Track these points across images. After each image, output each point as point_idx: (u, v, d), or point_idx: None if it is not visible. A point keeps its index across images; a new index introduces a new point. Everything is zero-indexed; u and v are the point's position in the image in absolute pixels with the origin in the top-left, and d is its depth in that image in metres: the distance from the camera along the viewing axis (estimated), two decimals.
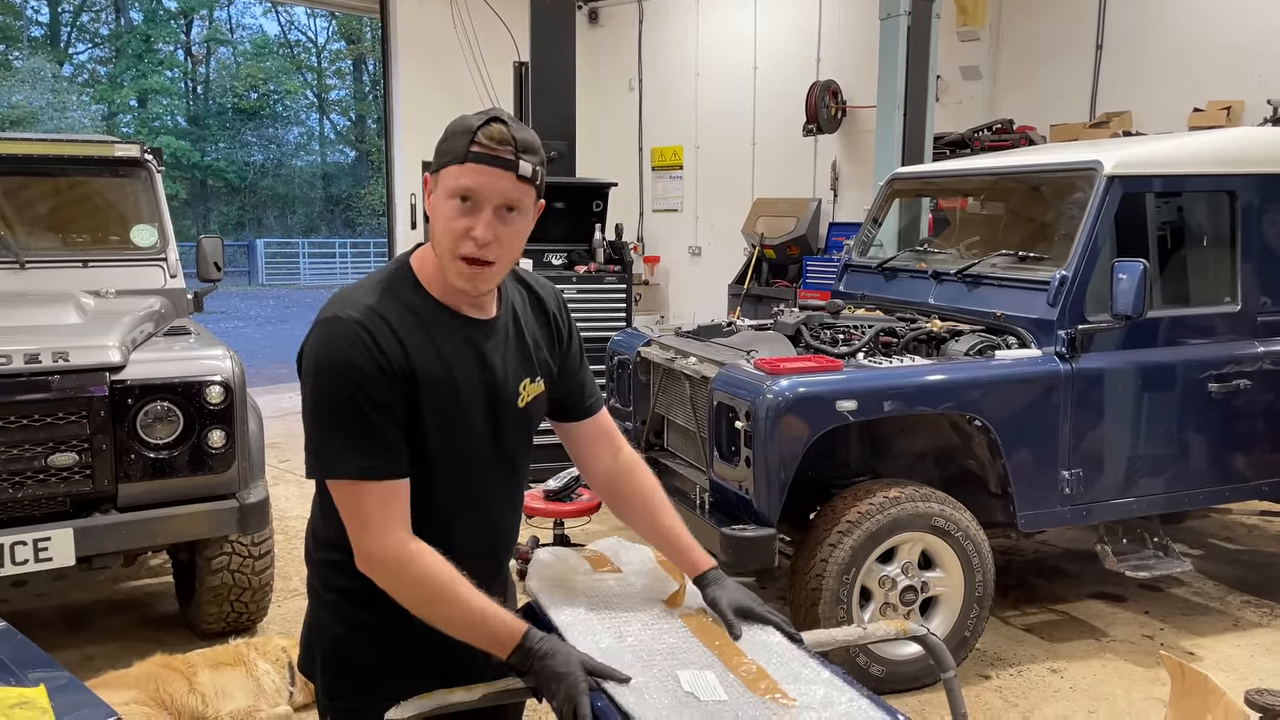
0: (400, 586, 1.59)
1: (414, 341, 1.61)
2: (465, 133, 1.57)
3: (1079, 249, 3.86)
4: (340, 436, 1.56)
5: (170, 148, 29.45)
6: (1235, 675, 3.86)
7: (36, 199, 4.63)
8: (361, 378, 1.55)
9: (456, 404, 1.65)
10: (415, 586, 1.58)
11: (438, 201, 1.61)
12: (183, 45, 34.25)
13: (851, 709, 1.52)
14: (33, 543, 3.37)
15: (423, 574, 1.57)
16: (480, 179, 1.56)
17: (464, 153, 1.56)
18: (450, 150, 1.58)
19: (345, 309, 1.60)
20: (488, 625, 1.58)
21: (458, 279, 1.62)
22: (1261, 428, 4.21)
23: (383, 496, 1.57)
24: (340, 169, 36.53)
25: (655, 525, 1.89)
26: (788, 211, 9.21)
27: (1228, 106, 6.49)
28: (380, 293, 1.64)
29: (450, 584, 1.57)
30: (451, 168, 1.57)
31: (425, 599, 1.59)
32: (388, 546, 1.57)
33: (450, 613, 1.58)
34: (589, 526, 5.19)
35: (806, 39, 9.50)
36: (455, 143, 1.58)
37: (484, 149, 1.56)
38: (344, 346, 1.56)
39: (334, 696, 1.74)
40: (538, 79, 6.63)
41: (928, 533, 3.68)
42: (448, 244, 1.60)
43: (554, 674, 1.53)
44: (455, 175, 1.57)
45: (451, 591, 1.57)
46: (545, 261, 6.40)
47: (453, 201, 1.58)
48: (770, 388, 3.53)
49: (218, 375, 3.67)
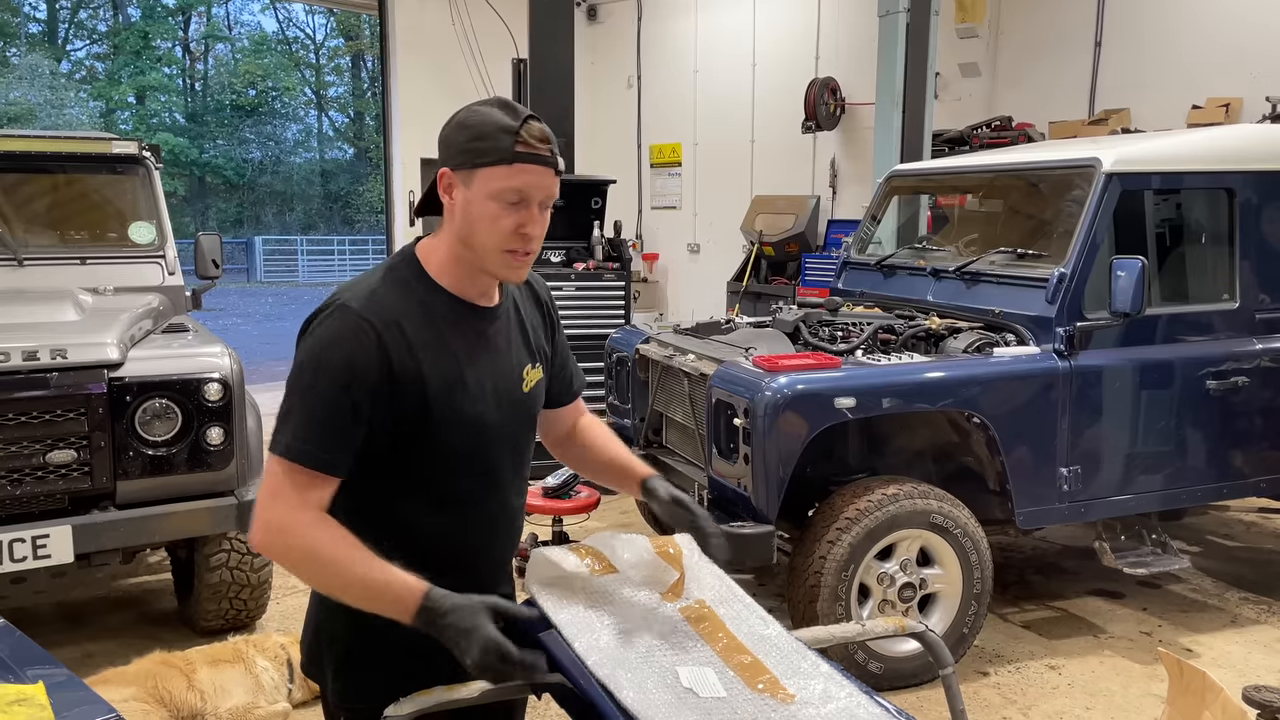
0: (292, 555, 1.57)
1: (422, 336, 1.63)
2: (506, 132, 1.56)
3: (1077, 246, 3.87)
4: (311, 422, 1.57)
5: (168, 145, 29.41)
6: (1233, 672, 3.87)
7: (34, 196, 4.63)
8: (353, 379, 1.56)
9: (467, 395, 1.66)
10: (307, 557, 1.56)
11: (474, 199, 1.60)
12: (181, 42, 34.20)
13: (850, 704, 1.52)
14: (31, 540, 3.37)
15: (314, 543, 1.55)
16: (531, 179, 1.58)
17: (510, 153, 1.56)
18: (490, 150, 1.57)
19: (359, 301, 1.61)
20: (390, 590, 1.53)
21: (503, 270, 1.65)
22: (1259, 425, 4.22)
23: (310, 485, 1.57)
24: (339, 166, 36.49)
25: (602, 456, 2.01)
26: (786, 209, 9.21)
27: (1226, 104, 6.49)
28: (391, 284, 1.66)
29: (345, 552, 1.54)
30: (499, 168, 1.56)
31: (319, 568, 1.56)
32: (289, 518, 1.55)
33: (346, 580, 1.55)
34: (588, 523, 5.19)
35: (805, 36, 9.49)
36: (495, 142, 1.56)
37: (530, 149, 1.57)
38: (347, 342, 1.58)
39: (347, 699, 1.73)
40: (536, 76, 6.63)
41: (926, 530, 3.68)
42: (496, 241, 1.61)
43: (459, 630, 1.49)
44: (505, 176, 1.57)
45: (346, 558, 1.54)
46: (544, 259, 6.40)
47: (499, 201, 1.58)
48: (769, 385, 3.54)
49: (216, 372, 3.67)
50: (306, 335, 1.63)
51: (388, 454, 1.64)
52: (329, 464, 1.58)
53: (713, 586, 1.83)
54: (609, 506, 5.77)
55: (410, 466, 1.66)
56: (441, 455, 1.66)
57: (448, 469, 1.68)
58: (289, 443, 1.57)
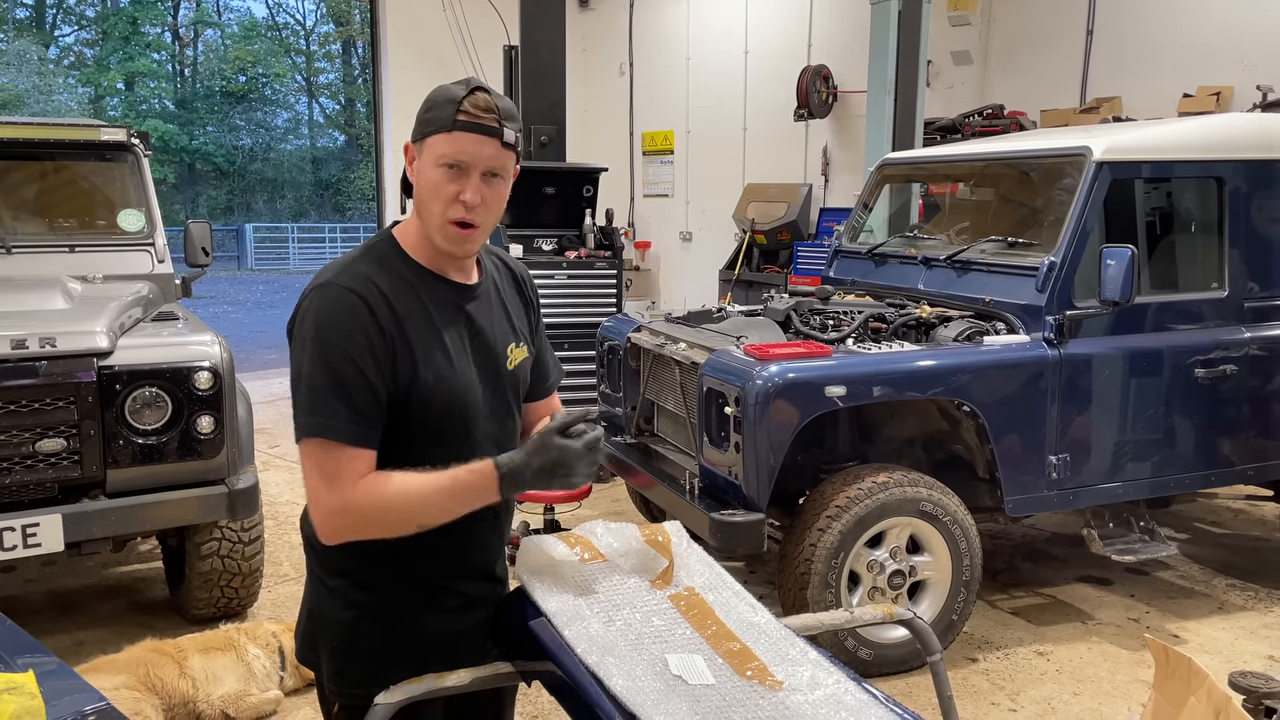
0: (368, 525, 1.61)
1: (405, 306, 1.65)
2: (450, 102, 1.62)
3: (1067, 235, 3.87)
4: (330, 397, 1.58)
5: (158, 131, 29.23)
6: (1220, 658, 3.90)
7: (23, 183, 4.60)
8: (353, 346, 1.58)
9: (451, 366, 1.68)
10: (381, 516, 1.60)
11: (423, 169, 1.65)
12: (170, 28, 33.98)
13: (837, 691, 1.53)
14: (21, 529, 3.37)
15: (379, 500, 1.58)
16: (468, 146, 1.62)
17: (450, 121, 1.61)
18: (435, 119, 1.62)
19: (339, 276, 1.64)
20: (466, 490, 1.61)
21: (445, 242, 1.68)
22: (1247, 413, 4.24)
23: (350, 459, 1.58)
24: (329, 153, 36.33)
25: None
26: (779, 197, 9.19)
27: (1217, 92, 6.50)
28: (370, 261, 1.68)
29: (409, 486, 1.59)
30: (439, 136, 1.62)
31: (398, 516, 1.61)
32: (349, 494, 1.58)
33: (427, 507, 1.61)
34: (580, 511, 5.20)
35: (798, 23, 9.46)
36: (440, 112, 1.62)
37: (470, 117, 1.61)
38: (338, 314, 1.60)
39: (343, 684, 1.74)
40: (527, 63, 6.59)
41: (916, 517, 3.70)
42: (437, 208, 1.65)
43: (548, 467, 1.60)
44: (443, 143, 1.62)
45: (413, 491, 1.59)
46: (535, 247, 6.38)
47: (440, 169, 1.63)
48: (760, 373, 3.54)
49: (206, 361, 3.66)
50: (298, 321, 1.64)
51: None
52: (361, 436, 1.59)
53: (702, 573, 1.84)
54: (601, 494, 5.78)
55: (395, 439, 1.66)
56: (425, 427, 1.67)
57: (431, 440, 1.68)
58: (319, 422, 1.57)
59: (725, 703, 1.49)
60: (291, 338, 1.65)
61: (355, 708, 1.71)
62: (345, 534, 1.62)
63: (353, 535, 1.63)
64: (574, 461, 1.60)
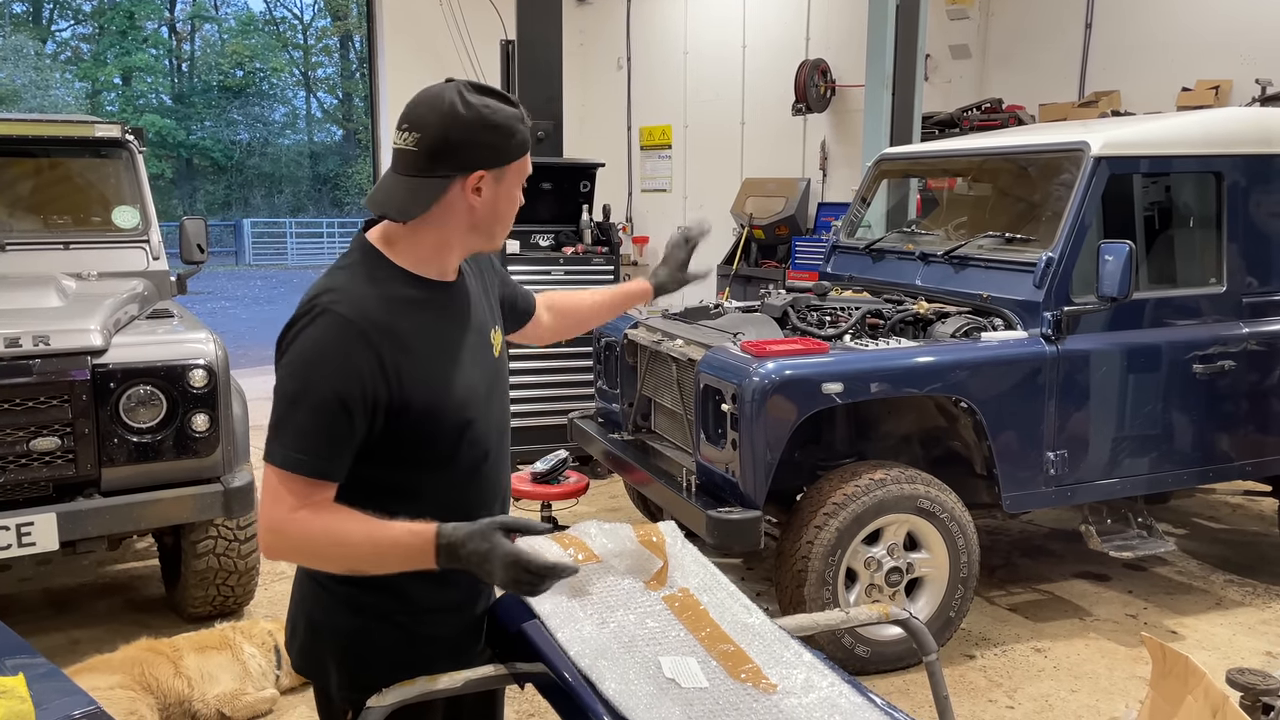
0: (297, 551, 1.61)
1: (406, 322, 1.63)
2: (522, 122, 1.66)
3: (1065, 230, 3.86)
4: (305, 432, 1.55)
5: (155, 126, 29.18)
6: (1218, 654, 3.90)
7: (16, 180, 4.58)
8: (344, 385, 1.55)
9: (457, 369, 1.69)
10: (310, 547, 1.59)
11: (508, 191, 1.68)
12: (166, 22, 33.88)
13: (831, 694, 1.52)
14: (15, 528, 3.36)
15: (313, 532, 1.56)
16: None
17: (528, 139, 1.68)
18: (518, 145, 1.65)
19: (340, 303, 1.59)
20: (401, 545, 1.56)
21: (494, 245, 1.76)
22: (1245, 408, 4.23)
23: (308, 491, 1.57)
24: (327, 148, 36.26)
25: (595, 301, 2.27)
26: (776, 191, 9.17)
27: (1216, 86, 6.48)
28: (364, 279, 1.64)
29: (345, 527, 1.56)
30: (525, 156, 1.68)
31: (327, 552, 1.59)
32: (285, 518, 1.56)
33: (357, 554, 1.57)
34: (577, 508, 5.19)
35: (796, 17, 9.44)
36: (519, 135, 1.65)
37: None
38: (335, 347, 1.56)
39: (358, 690, 1.69)
40: (524, 57, 6.57)
41: (913, 514, 3.69)
42: (508, 220, 1.72)
43: (479, 555, 1.53)
44: (526, 163, 1.69)
45: (348, 533, 1.56)
46: (532, 243, 6.36)
47: (520, 183, 1.70)
48: (757, 370, 3.53)
49: (201, 359, 3.65)
50: (290, 342, 1.60)
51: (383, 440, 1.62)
52: (325, 471, 1.57)
53: (696, 574, 1.83)
54: (598, 491, 5.77)
55: (406, 447, 1.65)
56: (437, 433, 1.67)
57: (443, 441, 1.68)
58: (284, 454, 1.56)
59: (719, 706, 1.48)
60: (281, 353, 1.61)
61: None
62: (278, 554, 1.61)
63: (286, 557, 1.63)
64: (495, 565, 1.53)
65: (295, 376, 1.57)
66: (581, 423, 4.98)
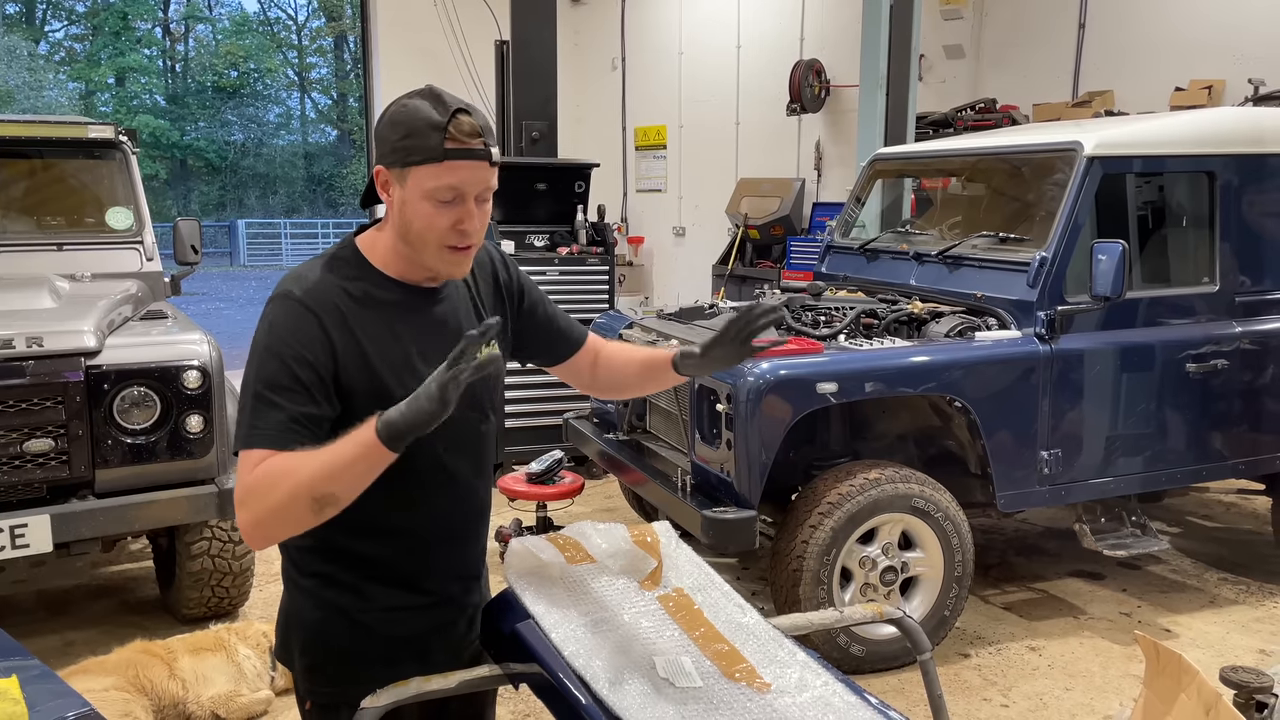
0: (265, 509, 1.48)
1: (367, 321, 1.63)
2: (433, 129, 1.53)
3: (1059, 230, 3.87)
4: (264, 408, 1.54)
5: (149, 127, 29.11)
6: (1211, 652, 3.91)
7: (10, 181, 4.57)
8: (298, 361, 1.55)
9: (415, 376, 1.57)
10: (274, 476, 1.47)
11: (410, 199, 1.58)
12: (160, 23, 33.79)
13: (825, 693, 1.52)
14: (9, 529, 3.35)
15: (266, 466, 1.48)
16: (464, 175, 1.55)
17: (440, 151, 1.53)
18: (420, 148, 1.54)
19: (295, 288, 1.62)
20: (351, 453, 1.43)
21: (444, 266, 1.64)
22: (1238, 407, 4.24)
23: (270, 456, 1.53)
24: (322, 148, 36.18)
25: (629, 372, 1.99)
26: (771, 191, 9.19)
27: (1209, 85, 6.50)
28: (330, 272, 1.65)
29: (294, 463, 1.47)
30: (428, 167, 1.54)
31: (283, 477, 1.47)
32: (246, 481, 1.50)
33: (314, 481, 1.45)
34: (572, 508, 5.19)
35: (790, 17, 9.45)
36: (424, 140, 1.53)
37: (460, 144, 1.54)
38: (289, 327, 1.58)
39: (314, 683, 1.74)
40: (519, 58, 6.57)
41: (908, 513, 3.69)
42: (434, 239, 1.60)
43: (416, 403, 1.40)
44: (435, 175, 1.54)
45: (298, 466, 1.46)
46: (527, 244, 6.36)
47: (433, 200, 1.56)
48: (751, 370, 3.53)
49: (195, 360, 3.64)
50: (256, 330, 1.63)
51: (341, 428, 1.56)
52: (282, 442, 1.51)
53: (690, 574, 1.83)
54: (593, 492, 5.77)
55: None
56: None
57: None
58: (246, 434, 1.55)
59: (712, 705, 1.48)
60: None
61: (326, 706, 1.72)
62: (247, 522, 1.50)
63: (260, 528, 1.50)
64: (423, 398, 1.40)
65: (252, 359, 1.60)
66: (576, 423, 4.98)
